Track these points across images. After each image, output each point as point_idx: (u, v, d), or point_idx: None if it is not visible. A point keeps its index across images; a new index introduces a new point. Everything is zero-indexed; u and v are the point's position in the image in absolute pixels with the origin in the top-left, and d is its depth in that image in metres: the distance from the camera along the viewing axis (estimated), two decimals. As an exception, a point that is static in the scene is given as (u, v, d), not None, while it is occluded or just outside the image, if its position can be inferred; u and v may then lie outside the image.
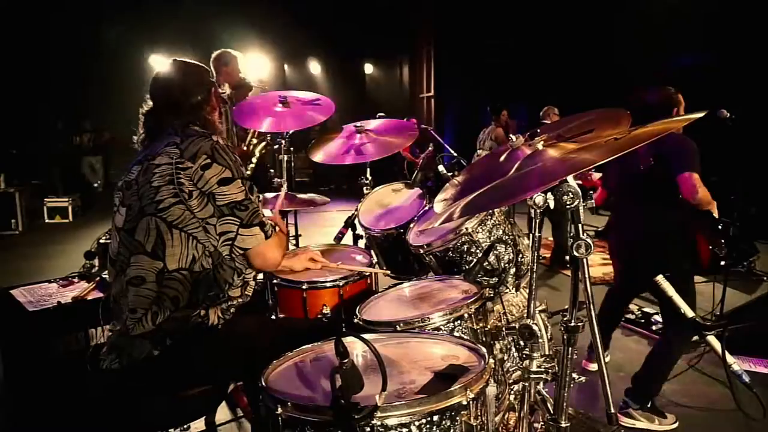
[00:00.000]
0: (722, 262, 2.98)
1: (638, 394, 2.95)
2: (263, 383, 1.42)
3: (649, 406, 2.94)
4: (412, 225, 2.76)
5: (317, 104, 3.12)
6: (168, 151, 1.78)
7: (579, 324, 1.49)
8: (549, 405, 2.00)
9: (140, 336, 1.73)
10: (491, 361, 1.46)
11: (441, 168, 2.92)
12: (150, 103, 1.96)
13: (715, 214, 2.95)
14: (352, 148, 3.05)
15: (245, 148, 4.65)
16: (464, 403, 1.28)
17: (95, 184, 11.81)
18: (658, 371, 2.98)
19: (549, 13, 9.84)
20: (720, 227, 2.96)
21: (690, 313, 2.81)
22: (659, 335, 3.65)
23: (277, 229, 1.91)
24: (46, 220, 9.21)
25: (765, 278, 5.44)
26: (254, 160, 4.53)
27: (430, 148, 3.87)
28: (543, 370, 1.67)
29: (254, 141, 4.53)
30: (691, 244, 3.04)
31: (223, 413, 2.74)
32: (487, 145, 7.20)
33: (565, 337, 1.50)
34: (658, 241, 2.99)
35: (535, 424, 1.88)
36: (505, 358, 2.14)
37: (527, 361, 1.69)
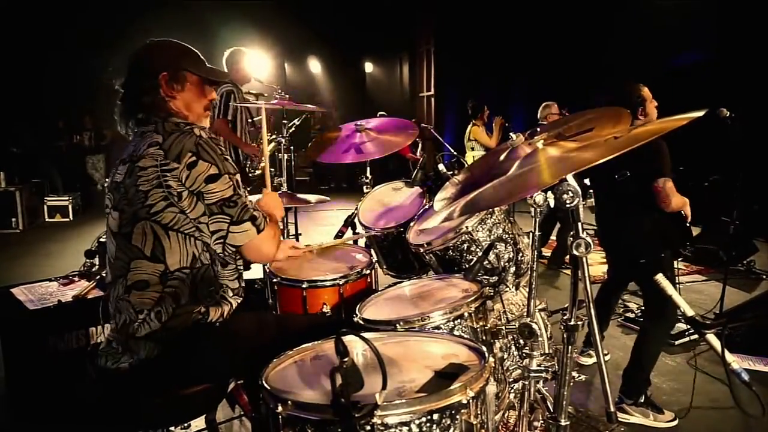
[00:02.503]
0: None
1: (628, 388, 2.99)
2: (263, 382, 1.43)
3: (642, 401, 2.96)
4: (412, 224, 2.77)
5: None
6: (152, 153, 1.72)
7: (579, 323, 1.49)
8: (549, 403, 2.01)
9: (144, 337, 1.73)
10: (491, 359, 1.46)
11: (441, 167, 2.92)
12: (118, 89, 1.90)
13: (686, 213, 2.96)
14: (352, 146, 3.05)
15: (256, 146, 4.66)
16: (464, 401, 1.29)
17: (99, 185, 11.80)
18: (639, 363, 3.00)
19: (549, 12, 9.83)
20: (687, 225, 2.99)
21: (689, 312, 2.82)
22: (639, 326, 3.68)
23: (268, 220, 1.88)
24: (47, 219, 9.21)
25: (764, 276, 5.45)
26: (265, 159, 4.54)
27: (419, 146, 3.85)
28: (543, 368, 1.67)
29: (266, 139, 4.53)
30: (670, 234, 3.05)
31: (223, 412, 2.74)
32: (469, 144, 7.22)
33: (564, 335, 1.51)
34: (635, 239, 3.03)
35: (535, 423, 1.89)
36: (505, 356, 2.15)
37: (527, 360, 1.70)
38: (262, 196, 2.15)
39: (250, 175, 4.77)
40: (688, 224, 2.98)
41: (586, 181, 4.29)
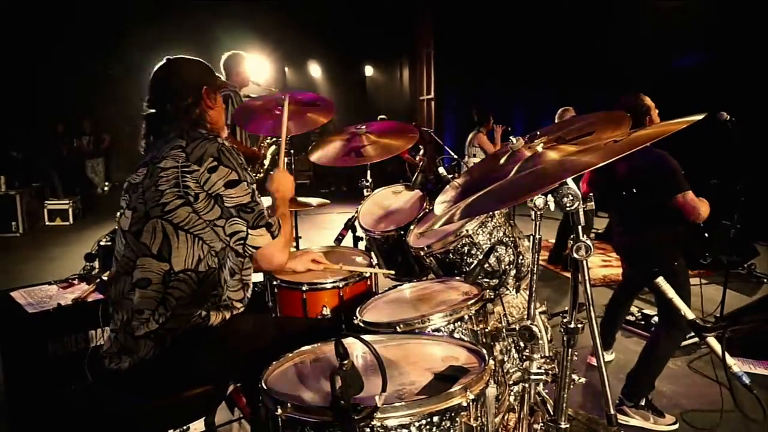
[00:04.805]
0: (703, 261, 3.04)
1: (630, 391, 3.00)
2: (263, 384, 1.42)
3: (643, 404, 2.96)
4: (412, 227, 2.77)
5: (317, 105, 3.10)
6: (174, 155, 1.77)
7: (579, 326, 1.49)
8: (549, 406, 2.00)
9: (144, 336, 1.73)
10: (491, 362, 1.45)
11: (441, 170, 2.92)
12: (146, 107, 1.94)
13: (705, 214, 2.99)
14: (353, 150, 3.05)
15: (256, 150, 4.65)
16: (464, 404, 1.28)
17: (100, 188, 11.82)
18: (646, 368, 3.01)
19: (548, 14, 9.85)
20: (706, 234, 3.01)
21: (690, 315, 2.82)
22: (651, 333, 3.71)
23: (282, 228, 1.90)
24: (47, 223, 9.20)
25: (765, 280, 5.45)
26: (266, 163, 4.53)
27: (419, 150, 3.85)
28: (543, 371, 1.67)
29: (266, 143, 4.53)
30: (686, 245, 3.08)
31: (222, 414, 2.73)
32: (471, 151, 7.22)
33: (564, 338, 1.50)
34: (649, 248, 3.07)
35: (535, 425, 1.88)
36: (505, 359, 2.15)
37: (527, 363, 1.70)
38: (273, 175, 2.18)
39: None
40: (706, 234, 3.00)
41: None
